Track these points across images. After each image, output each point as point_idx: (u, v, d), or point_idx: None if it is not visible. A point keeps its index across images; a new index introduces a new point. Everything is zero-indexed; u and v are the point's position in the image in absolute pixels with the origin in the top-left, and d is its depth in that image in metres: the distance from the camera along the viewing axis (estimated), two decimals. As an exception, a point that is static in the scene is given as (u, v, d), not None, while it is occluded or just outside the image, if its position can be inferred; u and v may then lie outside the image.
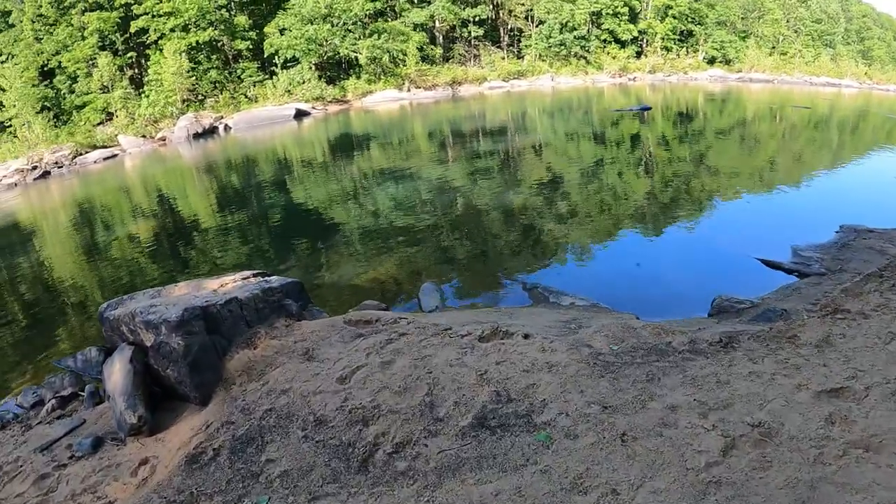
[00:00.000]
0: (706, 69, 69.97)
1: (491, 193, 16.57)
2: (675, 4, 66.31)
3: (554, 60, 57.11)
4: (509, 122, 30.82)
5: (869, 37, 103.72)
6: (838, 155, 24.43)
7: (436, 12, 48.69)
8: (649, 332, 6.59)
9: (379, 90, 41.64)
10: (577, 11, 55.76)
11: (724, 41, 73.59)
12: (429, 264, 11.94)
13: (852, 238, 11.90)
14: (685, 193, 16.85)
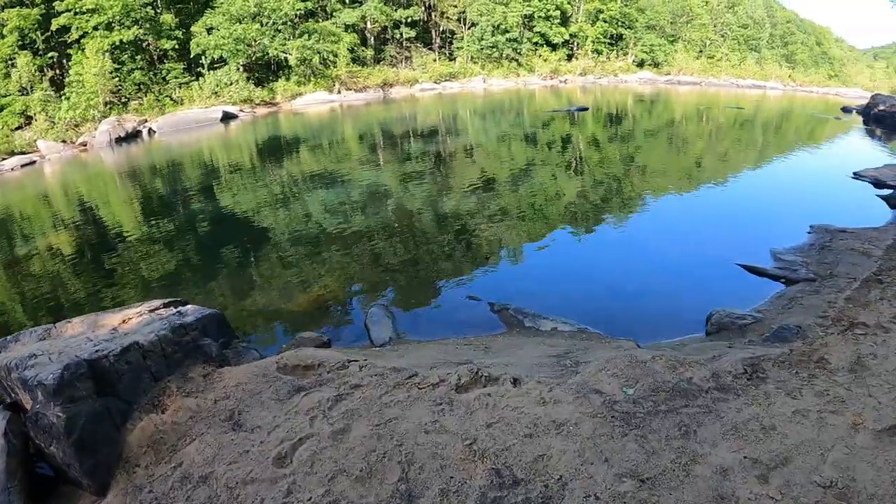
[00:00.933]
0: (636, 72, 71.40)
1: (432, 199, 15.74)
2: (605, 9, 67.34)
3: (486, 62, 57.05)
4: (442, 125, 30.39)
5: (792, 41, 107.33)
6: (781, 153, 25.32)
7: (367, 13, 47.84)
8: (661, 365, 5.53)
9: (309, 92, 40.64)
10: (509, 14, 55.77)
11: (653, 45, 75.07)
12: (374, 282, 10.64)
13: (828, 239, 11.73)
14: (642, 196, 16.63)
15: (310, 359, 6.07)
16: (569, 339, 7.46)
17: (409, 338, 8.28)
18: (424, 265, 11.35)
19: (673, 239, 12.64)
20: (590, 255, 11.90)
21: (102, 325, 6.04)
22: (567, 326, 8.05)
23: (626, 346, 6.99)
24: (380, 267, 11.31)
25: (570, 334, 7.80)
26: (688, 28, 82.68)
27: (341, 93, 41.76)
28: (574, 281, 10.47)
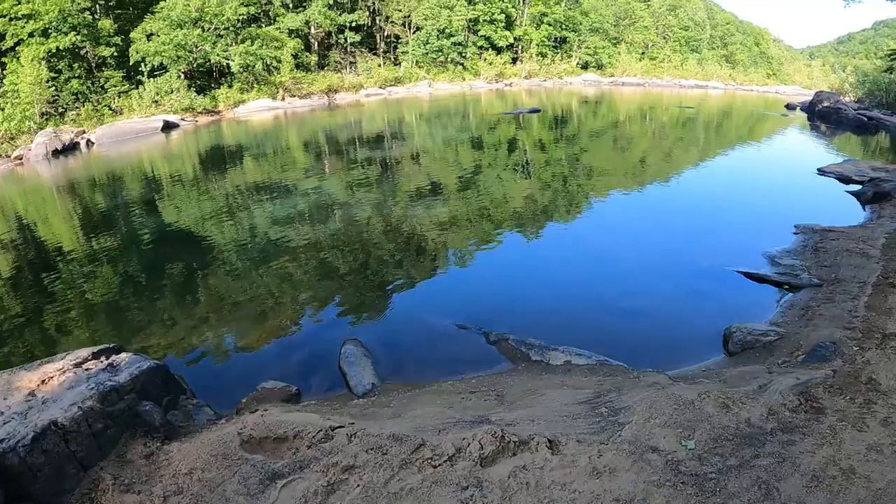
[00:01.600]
0: (580, 74, 72.23)
1: (387, 209, 14.89)
2: (550, 12, 67.90)
3: (431, 67, 56.75)
4: (389, 131, 29.82)
5: (732, 42, 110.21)
6: (742, 152, 25.85)
7: (312, 17, 46.73)
8: (712, 405, 4.89)
9: (252, 99, 39.34)
10: (454, 18, 55.41)
11: (597, 47, 76.14)
12: (341, 309, 9.27)
13: (817, 239, 11.57)
14: (615, 201, 16.17)
15: (281, 427, 4.79)
16: (589, 376, 6.48)
17: (395, 380, 7.01)
18: (394, 286, 10.16)
19: (658, 246, 12.15)
20: (574, 268, 11.03)
21: (16, 387, 4.83)
22: (583, 359, 7.03)
23: (658, 380, 6.04)
24: (344, 289, 10.05)
25: (588, 369, 6.79)
26: (631, 30, 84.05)
27: (285, 100, 40.94)
28: (565, 299, 9.52)
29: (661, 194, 17.15)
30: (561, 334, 7.79)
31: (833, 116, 42.27)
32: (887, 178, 16.96)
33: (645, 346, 7.76)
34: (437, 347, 7.90)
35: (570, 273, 10.79)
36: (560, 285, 10.16)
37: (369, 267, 11.12)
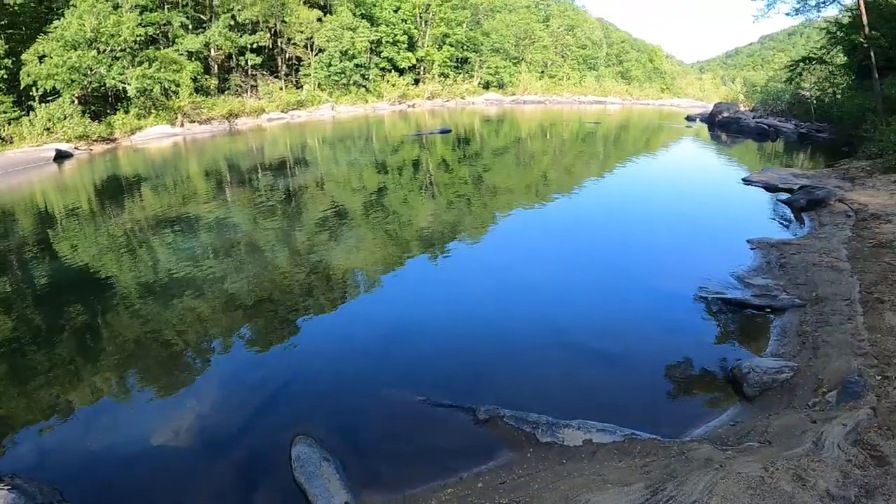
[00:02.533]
0: (482, 93, 73.66)
1: (302, 241, 13.61)
2: (452, 33, 68.81)
3: (334, 89, 56.17)
4: (292, 156, 28.80)
5: (627, 59, 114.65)
6: (663, 164, 26.60)
7: (212, 39, 45.30)
8: (786, 482, 4.32)
9: (150, 126, 37.39)
10: (357, 40, 55.28)
11: (498, 67, 77.69)
12: (273, 383, 7.31)
13: (777, 254, 11.37)
14: (556, 226, 15.42)
15: None
16: (625, 459, 5.33)
17: (375, 493, 5.36)
18: (325, 342, 8.50)
19: (613, 271, 11.38)
20: (529, 305, 9.69)
21: None
22: (606, 435, 5.73)
23: (706, 454, 5.11)
24: (271, 354, 8.19)
25: (617, 448, 5.57)
26: (531, 50, 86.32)
27: (184, 126, 39.33)
28: (532, 349, 8.06)
29: (600, 214, 16.56)
30: (549, 399, 6.63)
31: (734, 126, 44.60)
32: (817, 185, 17.26)
33: (650, 400, 6.79)
34: (413, 435, 6.20)
35: (527, 312, 9.42)
36: (519, 330, 8.76)
37: (291, 320, 9.28)
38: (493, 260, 12.25)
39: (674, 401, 6.82)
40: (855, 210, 14.35)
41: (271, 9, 49.58)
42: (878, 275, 9.31)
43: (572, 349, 8.07)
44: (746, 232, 13.24)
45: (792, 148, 34.73)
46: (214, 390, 7.21)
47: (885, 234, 11.69)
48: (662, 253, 12.58)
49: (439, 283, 10.97)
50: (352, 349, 8.22)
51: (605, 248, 13.22)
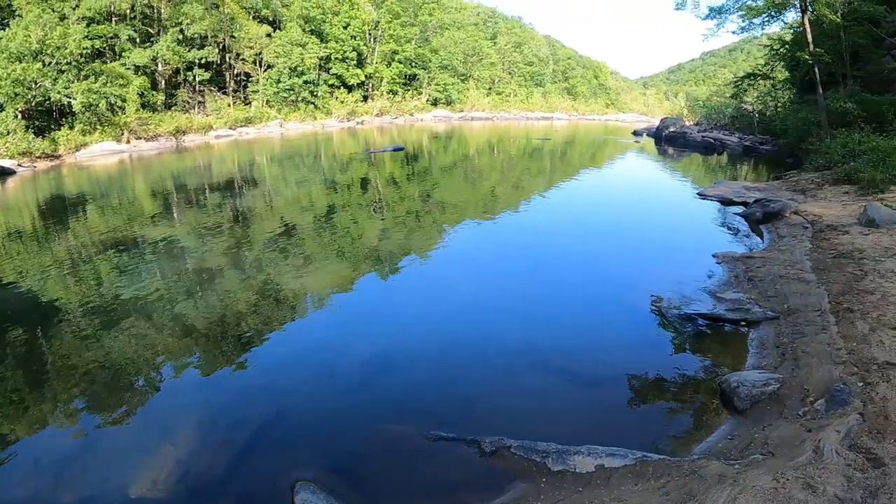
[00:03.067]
0: (430, 110, 74.31)
1: (256, 263, 12.87)
2: (401, 50, 69.20)
3: (282, 106, 55.81)
4: (242, 174, 28.42)
5: (573, 76, 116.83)
6: (619, 180, 26.87)
7: (159, 53, 44.50)
8: (798, 490, 4.47)
9: (95, 142, 36.23)
10: (306, 56, 55.34)
11: (446, 83, 78.38)
12: (263, 419, 6.64)
13: (743, 268, 11.47)
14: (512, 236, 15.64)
15: None
16: (641, 482, 5.24)
17: None
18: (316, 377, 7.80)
19: (590, 292, 11.18)
20: (503, 325, 9.50)
21: None
22: (618, 460, 5.62)
23: (718, 470, 5.13)
24: (251, 385, 7.53)
25: (631, 472, 5.47)
26: (479, 67, 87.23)
27: (131, 142, 38.40)
28: (523, 373, 7.77)
29: (563, 230, 16.32)
30: (544, 425, 6.39)
31: (680, 140, 45.61)
32: (771, 198, 17.50)
33: (645, 420, 6.73)
34: (419, 472, 5.81)
35: (503, 334, 9.16)
36: (498, 354, 8.43)
37: (259, 348, 8.65)
38: (457, 279, 11.97)
39: (668, 419, 6.79)
40: (811, 222, 14.63)
41: (220, 23, 49.15)
42: (844, 285, 9.53)
43: (557, 372, 7.80)
44: (710, 246, 13.39)
45: (737, 160, 35.86)
46: (191, 431, 6.46)
47: (844, 244, 11.98)
48: (631, 269, 12.55)
49: (403, 305, 10.60)
50: (332, 380, 7.70)
51: (573, 266, 12.99)
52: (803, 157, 26.19)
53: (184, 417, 6.81)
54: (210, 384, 7.62)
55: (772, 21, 30.98)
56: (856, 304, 8.47)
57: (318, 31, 59.06)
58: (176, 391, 7.51)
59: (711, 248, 13.20)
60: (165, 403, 7.21)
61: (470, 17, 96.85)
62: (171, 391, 7.51)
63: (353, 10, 62.72)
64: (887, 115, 24.15)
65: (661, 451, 5.85)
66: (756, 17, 29.45)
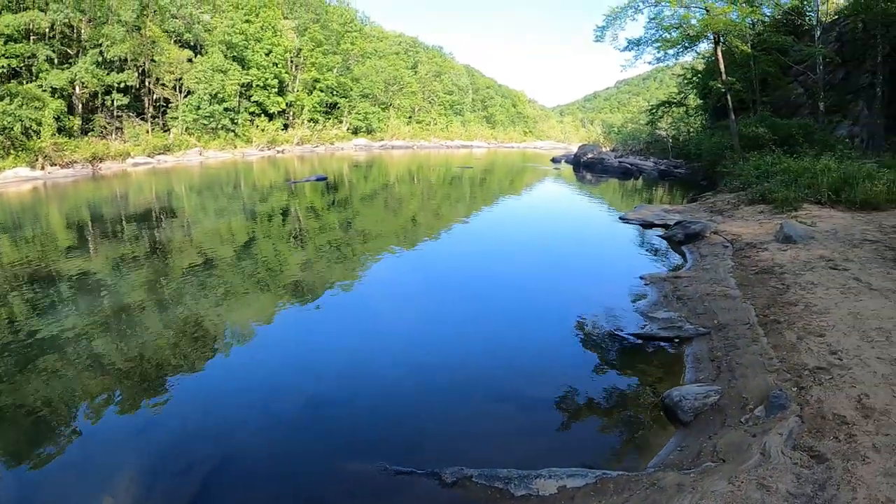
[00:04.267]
0: (351, 139, 74.59)
1: (178, 298, 12.30)
2: (322, 78, 69.53)
3: (202, 134, 54.61)
4: (160, 204, 27.21)
5: (492, 104, 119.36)
6: (542, 207, 27.30)
7: (78, 76, 42.89)
8: (753, 490, 4.74)
9: (8, 167, 34.60)
10: (227, 82, 54.72)
11: (367, 112, 78.98)
12: (208, 467, 6.13)
13: (671, 288, 11.70)
14: (441, 264, 15.75)
15: None
16: (603, 498, 5.38)
17: None
18: (259, 416, 7.31)
19: (526, 317, 11.13)
20: (449, 357, 9.26)
21: None
22: (579, 479, 5.70)
23: (676, 480, 5.29)
24: (186, 429, 6.95)
25: (594, 490, 5.56)
26: (399, 95, 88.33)
27: (45, 169, 36.90)
28: (470, 400, 7.73)
29: (490, 256, 16.29)
30: (498, 451, 6.37)
31: (598, 166, 46.94)
32: (691, 219, 17.98)
33: (596, 439, 6.81)
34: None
35: (444, 362, 9.09)
36: (441, 381, 8.39)
37: (190, 387, 8.15)
38: (385, 309, 11.76)
39: (618, 436, 6.90)
40: (731, 241, 15.08)
41: (141, 46, 48.06)
42: (768, 298, 9.87)
43: (502, 398, 7.81)
44: (636, 268, 13.63)
45: (654, 184, 37.18)
46: (130, 482, 5.92)
47: (764, 260, 12.37)
48: (563, 294, 12.53)
49: (336, 338, 10.23)
50: (275, 419, 7.22)
51: (504, 293, 12.81)
52: (717, 180, 27.34)
53: (120, 467, 6.14)
54: (144, 428, 6.95)
55: (685, 51, 32.69)
56: (782, 316, 8.85)
57: (240, 57, 58.50)
58: (106, 439, 6.77)
59: (638, 270, 13.47)
60: (96, 452, 6.49)
61: (391, 47, 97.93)
62: (101, 439, 6.77)
63: (275, 37, 62.47)
64: (796, 137, 25.76)
65: (619, 467, 6.00)
66: (671, 48, 31.03)
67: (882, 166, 20.20)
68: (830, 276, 10.45)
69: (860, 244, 12.67)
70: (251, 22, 60.28)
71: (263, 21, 61.47)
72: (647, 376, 8.23)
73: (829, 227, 14.41)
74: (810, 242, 13.13)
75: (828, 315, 8.47)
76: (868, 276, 10.24)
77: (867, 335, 7.53)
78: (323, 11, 78.44)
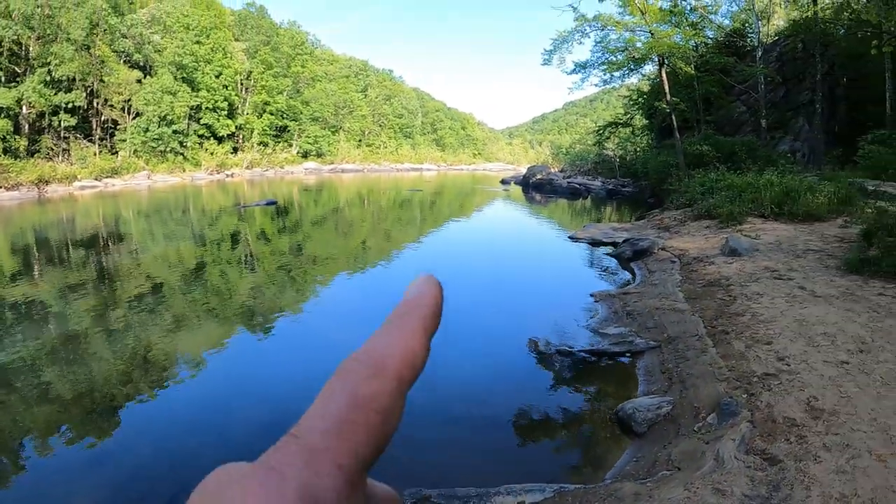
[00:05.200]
0: (301, 162, 74.50)
1: (126, 327, 11.94)
2: (272, 101, 69.40)
3: (151, 157, 53.87)
4: (108, 229, 26.59)
5: (441, 127, 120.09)
6: (493, 228, 27.42)
7: (25, 95, 42.02)
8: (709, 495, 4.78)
9: None
10: (177, 104, 54.01)
11: (317, 135, 79.01)
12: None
13: (620, 304, 11.72)
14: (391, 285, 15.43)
15: None
16: None
17: None
18: (205, 446, 7.44)
19: (477, 337, 11.12)
20: None
21: None
22: (536, 494, 5.71)
23: (632, 489, 5.36)
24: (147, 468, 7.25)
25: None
26: (349, 119, 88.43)
27: None
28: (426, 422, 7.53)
29: (438, 278, 16.28)
30: (456, 471, 6.40)
31: (547, 187, 47.79)
32: (638, 237, 18.15)
33: (553, 455, 6.85)
34: None
35: None
36: None
37: (146, 423, 8.44)
38: (336, 332, 11.58)
39: (574, 450, 6.95)
40: (678, 256, 15.22)
41: (90, 66, 47.36)
42: (716, 310, 9.99)
43: (458, 419, 7.74)
44: (586, 286, 13.62)
45: (602, 203, 37.79)
46: None
47: (711, 274, 12.51)
48: (514, 314, 12.56)
49: (289, 364, 10.01)
50: (230, 449, 6.90)
51: (455, 314, 12.41)
52: (664, 197, 27.66)
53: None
54: (93, 462, 6.63)
55: (631, 73, 33.54)
56: (729, 326, 8.95)
57: (190, 79, 57.97)
58: (54, 474, 6.43)
59: (588, 287, 13.45)
60: (44, 488, 6.24)
61: (342, 70, 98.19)
62: (49, 474, 6.42)
63: (226, 59, 62.19)
64: (740, 154, 26.43)
65: (575, 481, 6.00)
66: (617, 70, 31.79)
67: (822, 179, 20.93)
68: (776, 286, 10.70)
69: (803, 254, 13.04)
70: (202, 43, 59.81)
71: (214, 43, 61.09)
72: (601, 391, 8.31)
73: (773, 239, 14.75)
74: (755, 254, 13.39)
75: (774, 323, 8.66)
76: (812, 284, 10.54)
77: (813, 340, 7.74)
78: (274, 34, 78.42)
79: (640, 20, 29.77)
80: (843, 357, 7.06)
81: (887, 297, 9.42)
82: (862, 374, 6.54)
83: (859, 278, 10.61)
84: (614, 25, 30.18)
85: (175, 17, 59.77)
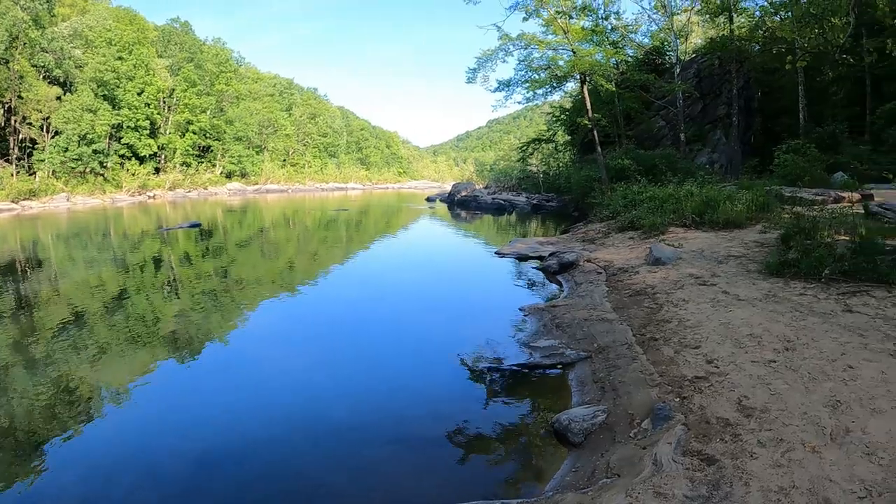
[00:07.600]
0: (225, 183, 73.47)
1: (67, 358, 11.49)
2: (195, 120, 68.22)
3: (70, 177, 52.53)
4: (25, 255, 25.34)
5: (366, 146, 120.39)
6: (418, 247, 27.17)
7: None
8: (652, 500, 4.75)
9: None
10: (97, 123, 52.83)
11: (241, 155, 78.00)
12: None
13: (550, 317, 11.65)
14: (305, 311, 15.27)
15: None
16: None
17: None
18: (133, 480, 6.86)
19: (405, 356, 10.95)
20: (333, 404, 8.83)
21: None
22: None
23: (576, 500, 5.34)
24: None
25: None
26: (273, 138, 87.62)
27: None
28: (362, 446, 7.33)
29: (363, 298, 15.84)
30: (395, 492, 6.26)
31: (472, 203, 47.90)
32: (564, 250, 18.33)
33: (492, 472, 6.67)
34: None
35: (326, 408, 8.78)
36: (327, 430, 7.96)
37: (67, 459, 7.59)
38: (264, 358, 11.22)
39: (512, 465, 6.81)
40: (604, 267, 15.40)
41: (8, 81, 45.74)
42: (644, 318, 10.13)
43: (393, 441, 7.51)
44: (515, 301, 13.54)
45: (527, 218, 38.14)
46: None
47: (636, 283, 12.68)
48: (444, 331, 12.38)
49: (216, 393, 9.60)
50: (159, 482, 6.63)
51: (383, 334, 12.41)
52: (588, 211, 28.16)
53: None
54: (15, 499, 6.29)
55: (553, 91, 34.14)
56: (658, 333, 9.08)
57: (111, 96, 56.65)
58: None
59: (517, 302, 13.37)
60: None
61: (267, 88, 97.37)
62: None
63: (148, 76, 60.92)
64: (660, 167, 27.15)
65: (516, 495, 5.93)
66: (540, 87, 32.25)
67: (740, 188, 21.72)
68: (700, 292, 10.91)
69: (725, 260, 13.35)
70: (124, 59, 58.54)
71: (136, 59, 59.87)
72: (536, 404, 8.23)
73: (695, 248, 15.06)
74: (679, 262, 13.68)
75: (701, 328, 8.84)
76: (735, 288, 10.79)
77: (740, 342, 7.91)
78: (198, 51, 77.33)
79: (563, 39, 30.40)
80: (769, 356, 7.26)
81: (808, 296, 9.78)
82: (789, 370, 6.75)
83: (780, 280, 10.97)
84: (537, 44, 30.73)
85: (97, 31, 58.33)
